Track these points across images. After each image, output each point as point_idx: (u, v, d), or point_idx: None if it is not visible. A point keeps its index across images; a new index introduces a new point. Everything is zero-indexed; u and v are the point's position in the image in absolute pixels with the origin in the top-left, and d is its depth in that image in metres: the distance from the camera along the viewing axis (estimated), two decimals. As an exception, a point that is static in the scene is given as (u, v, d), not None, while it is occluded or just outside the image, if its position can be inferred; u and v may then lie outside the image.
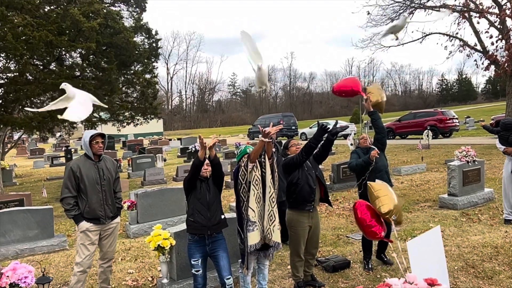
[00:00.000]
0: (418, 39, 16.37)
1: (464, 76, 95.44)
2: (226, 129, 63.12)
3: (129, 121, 11.59)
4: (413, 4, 15.70)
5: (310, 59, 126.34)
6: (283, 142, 5.34)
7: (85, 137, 4.00)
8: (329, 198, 4.29)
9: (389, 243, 3.92)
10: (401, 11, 15.80)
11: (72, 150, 23.09)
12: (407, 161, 13.50)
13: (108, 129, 12.93)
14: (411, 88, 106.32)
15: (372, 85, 5.04)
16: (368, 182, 3.96)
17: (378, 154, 4.42)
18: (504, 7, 14.26)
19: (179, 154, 22.82)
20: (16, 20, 9.36)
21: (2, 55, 10.70)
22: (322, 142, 3.99)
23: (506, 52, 13.47)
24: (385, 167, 4.66)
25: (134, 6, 11.93)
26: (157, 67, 12.01)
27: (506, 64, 13.45)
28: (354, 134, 23.78)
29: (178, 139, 35.35)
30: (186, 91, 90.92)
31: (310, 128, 30.03)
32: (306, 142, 3.94)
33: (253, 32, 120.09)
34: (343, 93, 4.80)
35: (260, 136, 3.47)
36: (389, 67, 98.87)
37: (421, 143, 15.00)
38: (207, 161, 3.54)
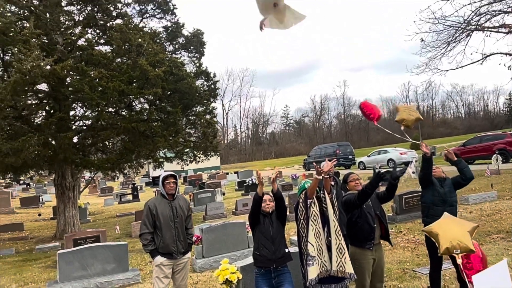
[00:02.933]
0: (478, 60, 15.71)
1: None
2: (281, 161, 63.41)
3: (191, 159, 12.34)
4: (469, 27, 15.27)
5: (363, 85, 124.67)
6: (341, 172, 5.45)
7: (161, 178, 4.46)
8: (390, 236, 4.30)
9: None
10: (457, 34, 15.42)
11: (138, 187, 24.56)
12: (475, 188, 12.75)
13: (171, 166, 13.81)
14: (475, 109, 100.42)
15: (401, 105, 5.13)
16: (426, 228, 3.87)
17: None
18: None
19: (237, 188, 23.37)
20: (93, 74, 10.58)
21: (80, 104, 12.04)
22: (386, 186, 4.09)
23: None
24: (456, 202, 4.66)
25: (194, 52, 12.93)
26: (216, 108, 12.79)
27: None
28: (416, 161, 22.90)
29: (235, 172, 36.20)
30: (240, 125, 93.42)
31: (368, 156, 29.34)
32: (363, 186, 4.04)
33: (305, 62, 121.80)
34: (365, 112, 4.71)
35: (314, 173, 3.63)
36: (449, 89, 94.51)
37: (490, 168, 14.11)
38: (269, 196, 3.77)
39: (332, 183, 3.93)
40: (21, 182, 36.41)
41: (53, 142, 10.22)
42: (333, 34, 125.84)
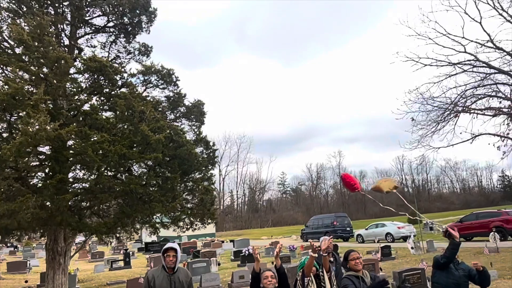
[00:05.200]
0: (467, 140, 16.32)
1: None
2: (278, 230, 62.13)
3: (188, 227, 12.18)
4: (456, 108, 16.06)
5: (358, 157, 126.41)
6: (339, 245, 5.41)
7: (162, 250, 4.44)
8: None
9: None
10: (445, 115, 16.15)
11: (130, 253, 23.78)
12: (475, 267, 12.45)
13: (167, 233, 13.55)
14: (469, 185, 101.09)
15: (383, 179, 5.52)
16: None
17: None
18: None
19: (233, 258, 22.64)
20: (96, 138, 10.84)
21: (79, 167, 12.15)
22: None
23: None
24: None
25: (194, 121, 13.37)
26: (214, 175, 12.92)
27: None
28: (414, 236, 22.58)
29: (230, 241, 35.28)
30: (237, 191, 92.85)
31: (366, 229, 28.95)
32: None
33: (302, 131, 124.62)
34: (349, 182, 4.97)
35: (310, 251, 3.63)
36: (443, 164, 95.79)
37: (488, 246, 13.88)
38: (271, 272, 3.71)
39: (331, 259, 3.92)
40: (8, 244, 35.23)
41: (49, 205, 10.16)
42: (330, 104, 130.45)
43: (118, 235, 12.91)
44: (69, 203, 10.70)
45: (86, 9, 12.73)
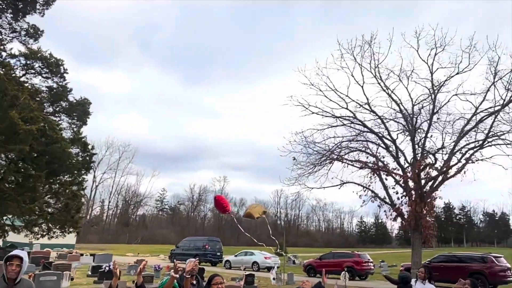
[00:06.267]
0: (337, 185, 18.24)
1: (380, 221, 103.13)
2: (147, 247, 59.43)
3: (44, 233, 10.85)
4: (332, 155, 17.95)
5: (242, 185, 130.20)
6: (206, 269, 5.44)
7: (4, 258, 3.86)
8: None
9: None
10: (322, 159, 17.89)
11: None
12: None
13: (16, 237, 11.84)
14: (333, 225, 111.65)
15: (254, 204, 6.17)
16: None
17: None
18: (406, 169, 16.89)
19: (90, 273, 20.71)
20: None
21: None
22: None
23: (409, 208, 15.45)
24: None
25: (76, 119, 12.36)
26: (86, 180, 11.94)
27: (409, 219, 15.27)
28: (278, 267, 23.75)
29: (91, 254, 32.39)
30: (109, 202, 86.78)
31: (235, 256, 29.56)
32: None
33: (188, 151, 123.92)
34: (222, 204, 5.54)
35: (172, 271, 3.59)
36: (314, 203, 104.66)
37: (338, 284, 15.39)
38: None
39: (194, 282, 3.89)
40: None
41: None
42: (224, 129, 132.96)
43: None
44: None
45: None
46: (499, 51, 15.68)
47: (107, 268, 17.39)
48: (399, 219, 16.95)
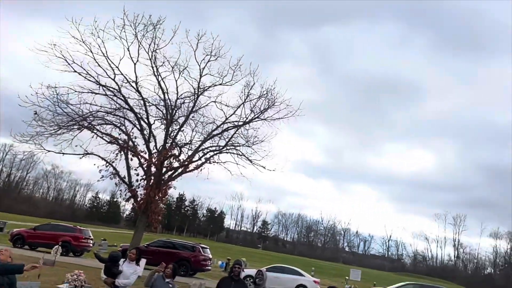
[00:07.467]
0: (80, 154, 16.92)
1: (115, 200, 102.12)
2: None
3: None
4: (83, 122, 16.62)
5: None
6: None
7: None
8: None
9: None
10: (71, 123, 16.26)
11: None
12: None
13: None
14: (64, 196, 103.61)
15: None
16: None
17: None
18: (153, 155, 17.41)
19: None
20: None
21: None
22: None
23: (144, 191, 15.92)
24: None
25: None
26: None
27: (141, 201, 15.70)
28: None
29: None
30: None
31: None
32: None
33: None
34: None
35: None
36: (49, 168, 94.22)
37: (44, 257, 13.83)
38: None
39: None
40: None
41: None
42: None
43: None
44: None
45: None
46: (255, 78, 18.45)
47: None
48: (132, 201, 17.16)
